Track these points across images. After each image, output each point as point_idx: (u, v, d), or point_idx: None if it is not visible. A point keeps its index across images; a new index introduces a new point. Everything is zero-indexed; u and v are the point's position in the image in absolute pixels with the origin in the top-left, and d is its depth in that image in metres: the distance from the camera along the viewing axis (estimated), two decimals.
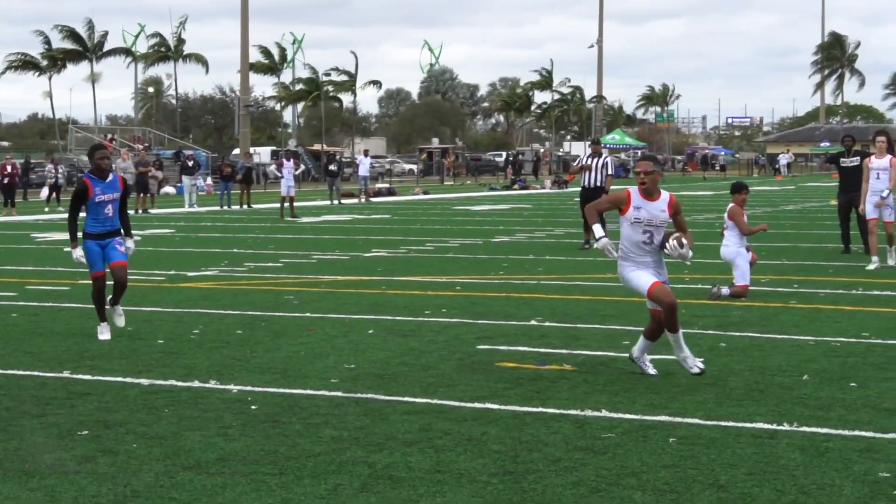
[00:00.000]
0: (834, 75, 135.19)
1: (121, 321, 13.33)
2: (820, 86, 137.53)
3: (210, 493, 7.20)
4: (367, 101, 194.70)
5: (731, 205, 16.82)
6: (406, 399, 9.85)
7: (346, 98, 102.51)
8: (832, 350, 12.08)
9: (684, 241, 10.67)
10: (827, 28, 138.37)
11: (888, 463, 7.77)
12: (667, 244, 10.64)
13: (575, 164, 27.72)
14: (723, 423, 8.91)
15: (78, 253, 13.40)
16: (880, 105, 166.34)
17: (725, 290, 16.21)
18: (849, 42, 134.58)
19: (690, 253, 10.75)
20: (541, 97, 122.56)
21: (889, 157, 20.78)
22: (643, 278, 10.65)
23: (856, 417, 9.09)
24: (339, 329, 13.69)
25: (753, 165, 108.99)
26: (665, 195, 10.70)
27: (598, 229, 10.91)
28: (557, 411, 9.37)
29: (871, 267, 19.90)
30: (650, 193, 10.64)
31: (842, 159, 23.05)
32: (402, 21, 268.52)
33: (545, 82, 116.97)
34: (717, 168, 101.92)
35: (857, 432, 8.61)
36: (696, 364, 10.73)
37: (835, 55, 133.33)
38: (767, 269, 19.48)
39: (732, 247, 16.67)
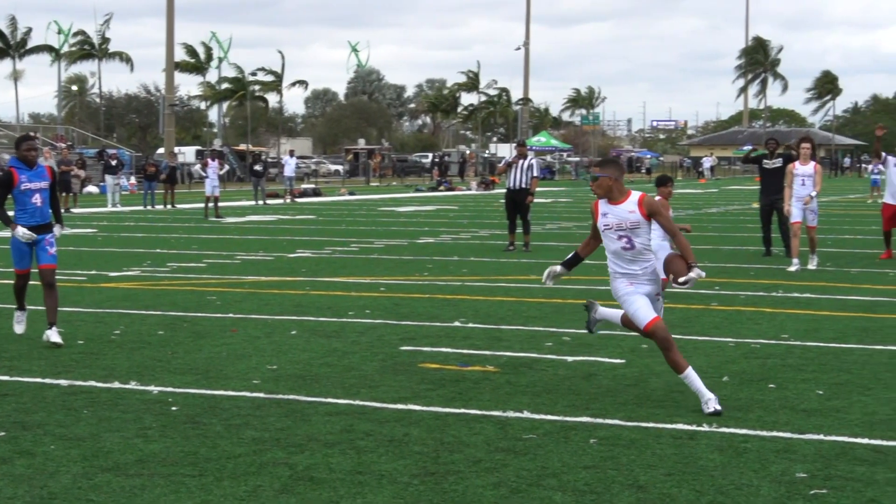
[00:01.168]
0: (757, 79, 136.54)
1: (56, 338, 12.62)
2: (743, 90, 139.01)
3: (128, 495, 7.13)
4: (293, 102, 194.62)
5: (657, 198, 16.83)
6: (328, 400, 9.82)
7: (272, 98, 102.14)
8: (752, 352, 12.20)
9: (690, 272, 9.81)
10: (751, 33, 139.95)
11: (805, 463, 7.85)
12: (679, 282, 9.89)
13: (501, 164, 27.77)
14: (643, 424, 8.97)
15: (20, 231, 12.69)
16: (802, 109, 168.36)
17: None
18: (772, 47, 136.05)
19: (700, 273, 9.86)
20: (467, 99, 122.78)
21: (813, 163, 21.07)
22: (642, 311, 9.72)
23: (774, 418, 9.18)
24: (262, 330, 13.63)
25: (678, 168, 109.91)
26: (634, 195, 9.85)
27: (569, 258, 10.36)
28: (479, 412, 9.39)
29: (792, 269, 20.14)
30: (613, 198, 9.82)
31: (765, 161, 23.28)
32: (330, 21, 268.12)
33: (472, 84, 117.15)
34: (644, 171, 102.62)
35: (774, 433, 8.70)
36: (712, 405, 9.37)
37: (758, 59, 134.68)
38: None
39: (656, 240, 16.66)
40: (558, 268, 10.40)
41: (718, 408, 9.28)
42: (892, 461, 7.89)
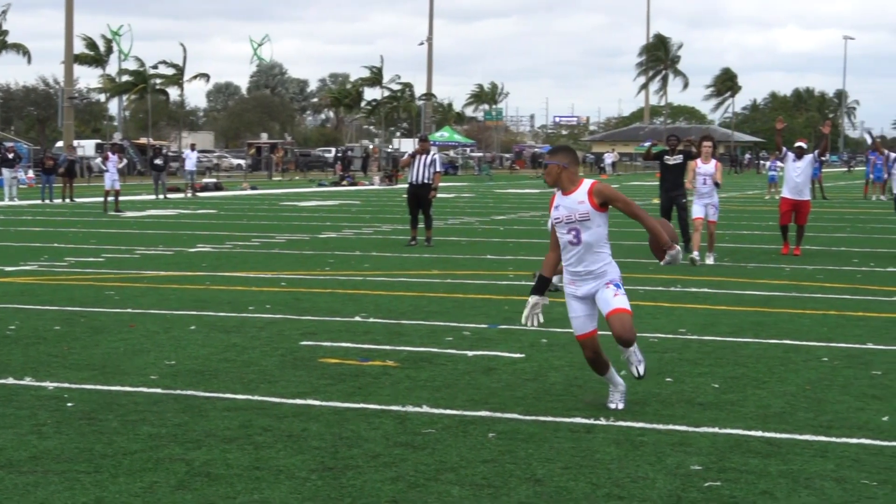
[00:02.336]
0: (658, 76, 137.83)
1: None
2: (644, 87, 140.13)
3: (21, 493, 7.04)
4: (195, 95, 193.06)
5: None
6: (226, 396, 9.76)
7: (173, 91, 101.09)
8: (650, 346, 12.30)
9: (668, 249, 9.70)
10: (652, 30, 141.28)
11: (700, 456, 7.95)
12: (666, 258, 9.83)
13: (404, 157, 27.78)
14: (542, 418, 9.02)
15: None
16: (702, 106, 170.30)
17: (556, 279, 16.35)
18: (672, 44, 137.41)
19: (673, 254, 9.75)
20: (371, 93, 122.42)
21: (714, 161, 21.47)
22: (576, 322, 9.36)
23: (670, 412, 9.28)
24: (161, 325, 13.51)
25: (580, 164, 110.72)
26: (585, 184, 9.19)
27: (537, 283, 9.51)
28: (379, 407, 9.38)
29: (695, 258, 20.60)
30: (563, 188, 9.24)
31: (666, 158, 23.51)
32: (232, 15, 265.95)
33: (375, 79, 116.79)
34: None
35: (671, 426, 8.79)
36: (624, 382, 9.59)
37: (659, 57, 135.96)
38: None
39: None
40: (533, 299, 9.41)
41: (621, 406, 9.37)
42: (785, 454, 8.01)
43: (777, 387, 10.28)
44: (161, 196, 48.82)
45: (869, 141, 29.76)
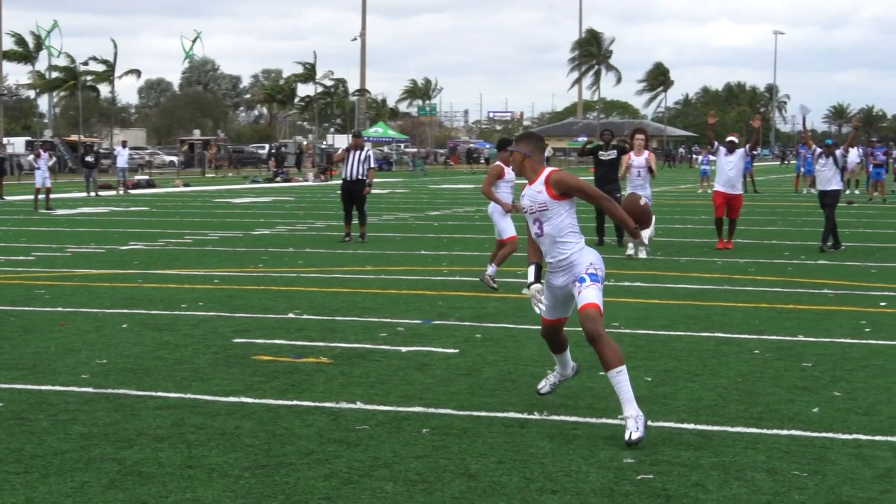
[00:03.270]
0: (591, 71, 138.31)
1: None
2: (577, 82, 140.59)
3: None
4: (126, 92, 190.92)
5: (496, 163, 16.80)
6: (158, 394, 9.69)
7: (104, 88, 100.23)
8: (582, 340, 12.29)
9: (634, 237, 9.23)
10: (584, 25, 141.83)
11: (632, 449, 7.98)
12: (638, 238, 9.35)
13: (339, 151, 27.71)
14: (475, 413, 9.03)
15: None
16: (635, 101, 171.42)
17: (491, 270, 16.36)
18: (605, 39, 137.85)
19: (642, 235, 9.30)
20: (304, 89, 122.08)
21: (647, 153, 21.65)
22: (544, 307, 9.08)
23: (603, 405, 9.32)
24: (92, 324, 13.39)
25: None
26: (545, 173, 8.82)
27: (530, 273, 9.12)
28: (312, 404, 9.35)
29: (629, 251, 20.80)
30: (528, 177, 8.90)
31: (600, 153, 23.65)
32: (164, 10, 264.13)
33: (308, 75, 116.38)
34: (482, 161, 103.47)
35: (604, 420, 8.83)
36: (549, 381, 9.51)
37: (591, 52, 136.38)
38: (524, 261, 19.78)
39: (492, 204, 16.76)
40: (534, 288, 9.03)
41: (544, 390, 9.53)
42: (717, 446, 8.07)
43: (709, 379, 10.35)
44: (92, 194, 48.40)
45: (799, 118, 29.95)
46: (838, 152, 22.90)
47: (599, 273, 8.70)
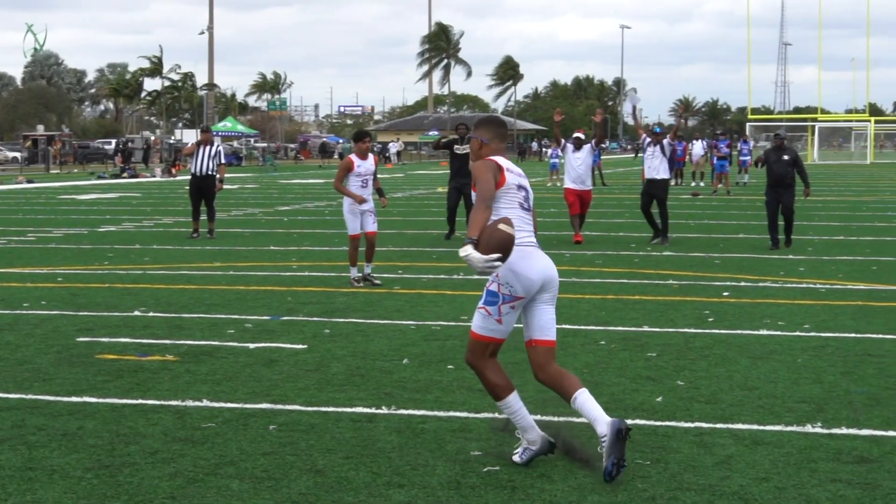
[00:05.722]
0: (440, 65, 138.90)
1: None
2: (427, 75, 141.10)
3: None
4: None
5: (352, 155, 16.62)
6: None
7: None
8: (432, 333, 12.39)
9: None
10: (433, 19, 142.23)
11: (480, 441, 8.03)
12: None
13: (188, 145, 27.41)
14: (323, 409, 9.00)
15: None
16: (486, 94, 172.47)
17: (368, 269, 16.24)
18: (454, 33, 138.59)
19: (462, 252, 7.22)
20: (151, 84, 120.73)
21: None
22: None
23: (451, 399, 9.36)
24: None
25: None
26: None
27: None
28: (158, 402, 9.23)
29: None
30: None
31: (455, 147, 23.77)
32: (5, 2, 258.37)
33: (155, 69, 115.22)
34: (336, 156, 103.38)
35: (451, 413, 8.86)
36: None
37: (441, 46, 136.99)
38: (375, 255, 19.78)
39: (346, 204, 16.53)
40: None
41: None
42: (563, 436, 8.13)
43: None
44: None
45: (629, 108, 30.41)
46: (665, 141, 23.25)
47: (503, 290, 7.46)
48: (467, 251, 7.04)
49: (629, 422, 8.49)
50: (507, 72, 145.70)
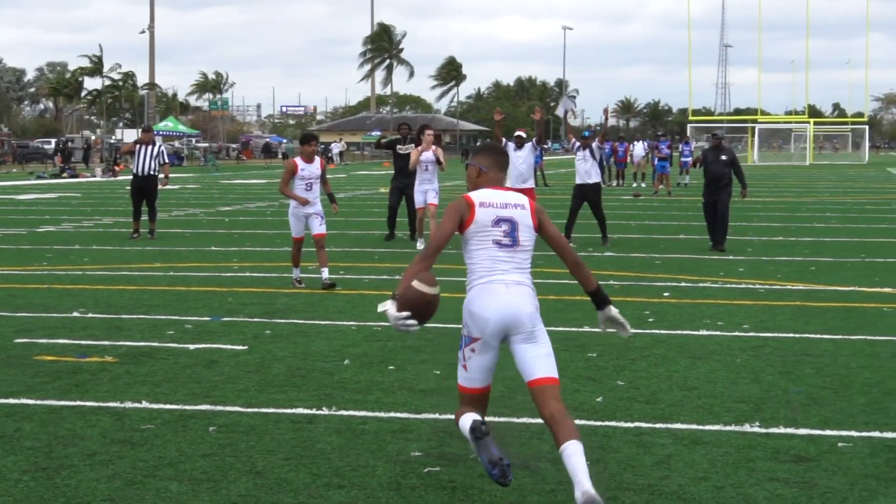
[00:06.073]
0: (383, 65, 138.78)
1: None
2: (369, 75, 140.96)
3: None
4: None
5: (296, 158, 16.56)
6: None
7: None
8: (374, 334, 12.38)
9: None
10: (376, 19, 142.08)
11: (420, 442, 8.03)
12: None
13: (126, 143, 27.29)
14: (263, 410, 8.97)
15: None
16: (428, 95, 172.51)
17: (325, 275, 16.10)
18: (396, 33, 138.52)
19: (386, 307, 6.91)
20: (91, 83, 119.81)
21: (434, 147, 21.87)
22: None
23: (392, 399, 9.35)
24: None
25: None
26: None
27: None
28: (96, 404, 9.16)
29: (419, 246, 20.88)
30: None
31: (398, 147, 23.82)
32: None
33: (95, 68, 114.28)
34: (280, 156, 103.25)
35: (392, 414, 8.86)
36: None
37: (383, 46, 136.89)
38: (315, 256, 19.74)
39: (291, 206, 16.43)
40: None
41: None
42: (504, 437, 8.15)
43: (498, 371, 10.31)
44: None
45: (561, 112, 30.55)
46: (594, 144, 23.40)
47: (463, 332, 7.04)
48: (385, 306, 6.75)
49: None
50: (450, 72, 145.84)
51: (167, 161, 24.87)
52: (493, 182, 7.25)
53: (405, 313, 6.69)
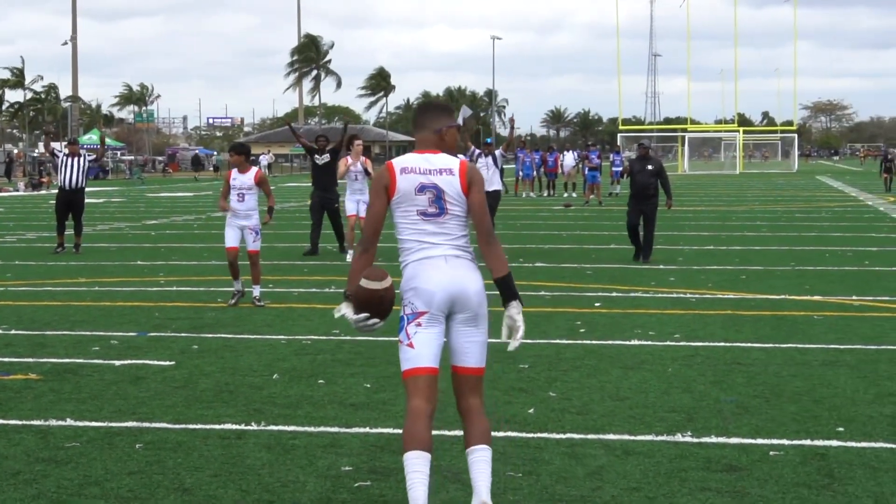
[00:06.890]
0: (310, 76, 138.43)
1: None
2: (296, 85, 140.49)
3: None
4: None
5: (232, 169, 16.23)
6: None
7: None
8: (303, 348, 12.26)
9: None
10: (303, 30, 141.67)
11: (350, 457, 7.93)
12: None
13: (48, 146, 26.97)
14: (191, 426, 8.83)
15: None
16: (357, 105, 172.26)
17: (256, 293, 15.77)
18: (324, 44, 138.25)
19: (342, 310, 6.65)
20: (13, 96, 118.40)
21: (363, 158, 21.79)
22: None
23: (322, 413, 9.24)
24: None
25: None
26: None
27: None
28: (20, 422, 8.98)
29: (348, 258, 20.77)
30: None
31: (316, 157, 23.64)
32: None
33: (17, 81, 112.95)
34: (212, 168, 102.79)
35: (322, 428, 8.75)
36: None
37: (311, 56, 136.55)
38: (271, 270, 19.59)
39: (227, 216, 16.08)
40: None
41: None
42: (436, 450, 8.01)
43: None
44: None
45: (461, 120, 30.84)
46: (497, 152, 23.48)
47: (405, 311, 6.58)
48: (341, 311, 6.48)
49: (501, 434, 8.48)
50: (379, 83, 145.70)
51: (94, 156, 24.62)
52: (422, 144, 6.58)
53: (363, 315, 6.48)
